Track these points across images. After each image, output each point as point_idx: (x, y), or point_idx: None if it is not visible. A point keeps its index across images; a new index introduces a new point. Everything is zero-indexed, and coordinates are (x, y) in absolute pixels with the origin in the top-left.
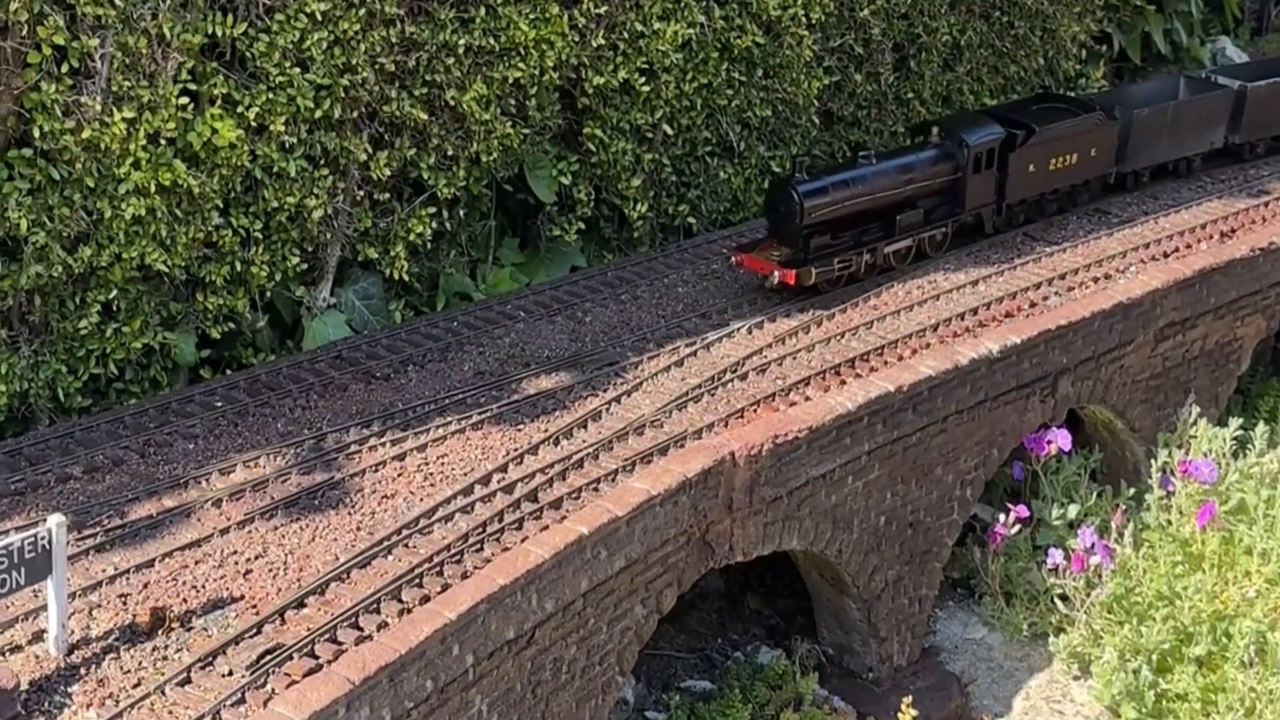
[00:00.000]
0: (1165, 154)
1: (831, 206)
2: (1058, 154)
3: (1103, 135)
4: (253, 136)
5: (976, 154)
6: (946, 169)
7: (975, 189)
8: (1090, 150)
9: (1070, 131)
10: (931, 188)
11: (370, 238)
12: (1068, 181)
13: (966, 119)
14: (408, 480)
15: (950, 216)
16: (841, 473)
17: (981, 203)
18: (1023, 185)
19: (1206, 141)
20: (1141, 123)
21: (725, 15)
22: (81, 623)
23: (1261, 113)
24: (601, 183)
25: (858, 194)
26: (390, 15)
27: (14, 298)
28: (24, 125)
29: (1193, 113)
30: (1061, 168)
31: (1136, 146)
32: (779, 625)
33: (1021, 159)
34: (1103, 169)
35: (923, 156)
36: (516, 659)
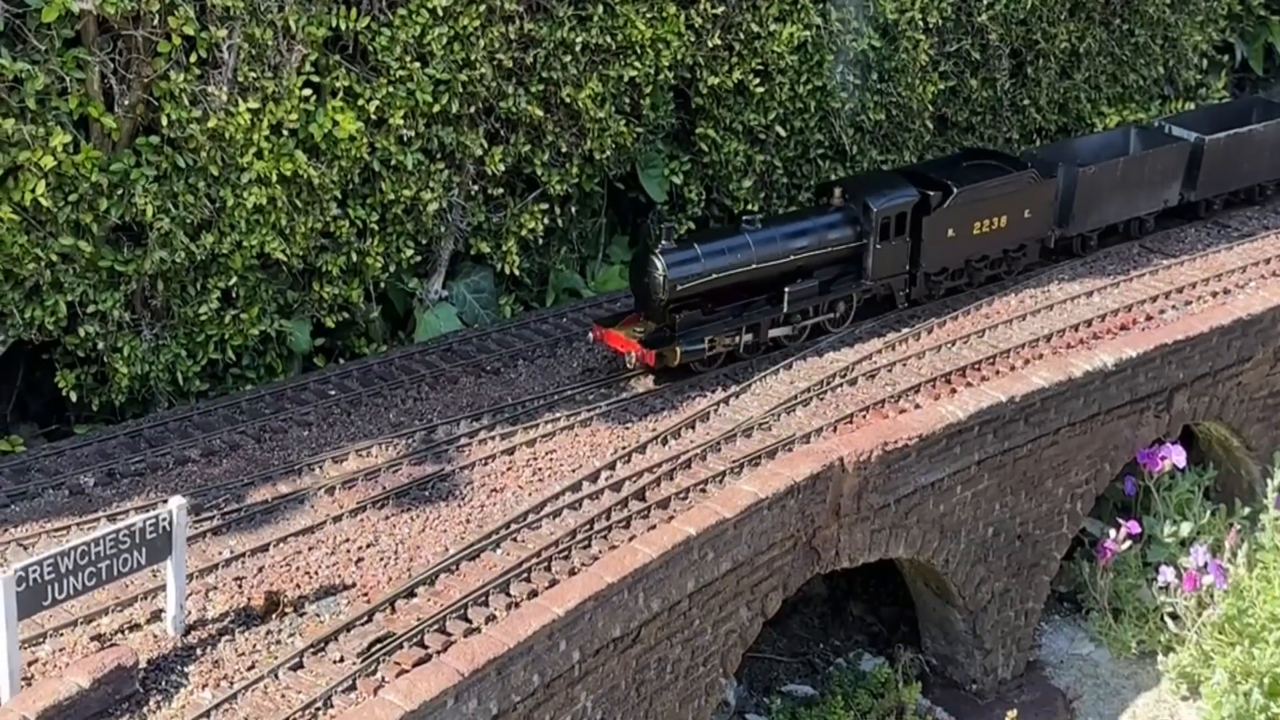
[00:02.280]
0: (1114, 214)
1: (702, 279)
2: (983, 217)
3: (1037, 195)
4: (372, 129)
5: (883, 219)
6: (848, 236)
7: (882, 258)
8: (1023, 212)
9: (997, 192)
10: (829, 256)
11: (483, 232)
12: (997, 247)
13: (875, 180)
14: (516, 475)
15: (854, 288)
16: (950, 482)
17: (890, 273)
18: (941, 253)
19: (1159, 200)
20: (1086, 181)
21: (841, 18)
22: (198, 604)
23: (1220, 167)
24: (712, 183)
25: (736, 264)
26: (510, 12)
27: (138, 282)
28: (152, 113)
29: (1144, 168)
30: (988, 232)
31: (1081, 207)
32: (881, 633)
33: (938, 223)
34: (1039, 232)
35: (819, 222)
36: (622, 657)
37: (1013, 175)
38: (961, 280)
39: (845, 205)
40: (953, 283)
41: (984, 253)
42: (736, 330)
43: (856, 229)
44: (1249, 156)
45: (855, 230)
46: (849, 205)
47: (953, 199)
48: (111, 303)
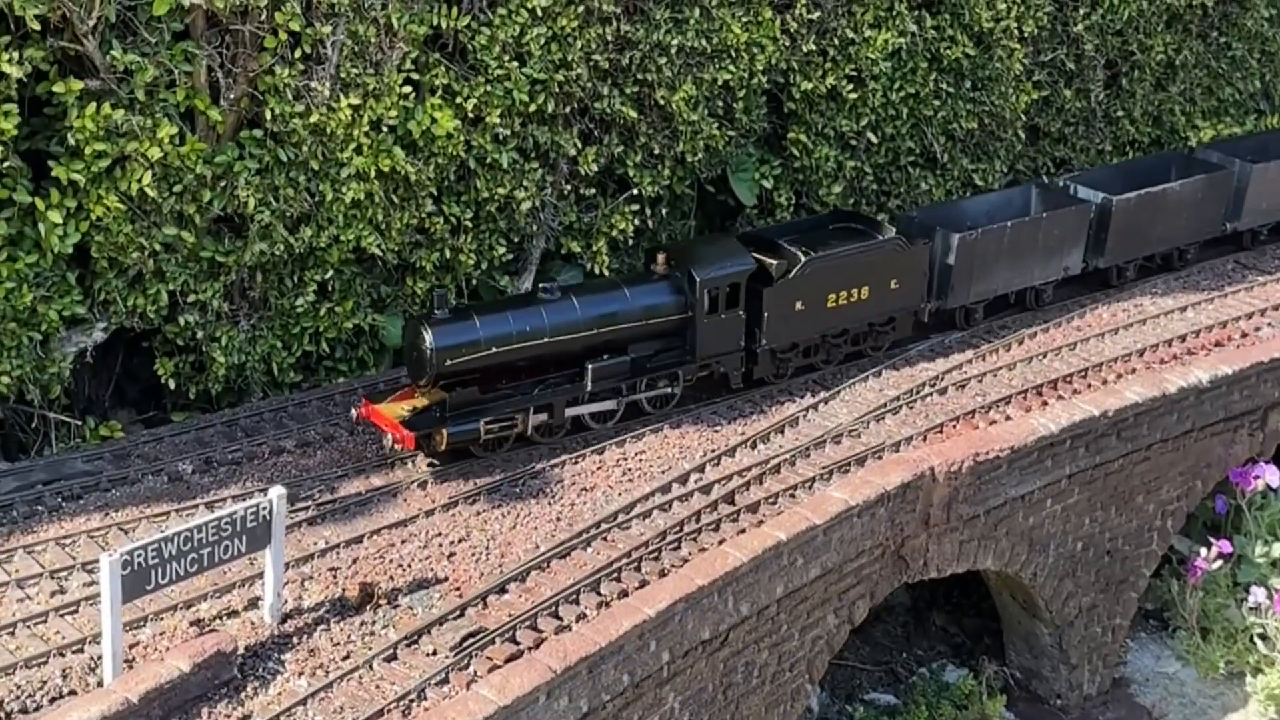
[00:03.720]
0: (1003, 284)
1: (479, 353)
2: (838, 288)
3: (905, 264)
4: (469, 127)
5: (711, 290)
6: (672, 307)
7: (712, 333)
8: (889, 282)
9: (855, 260)
10: (648, 330)
11: (574, 231)
12: (859, 320)
13: (708, 246)
14: (606, 475)
15: (678, 366)
16: (1041, 495)
17: (723, 349)
18: (787, 327)
19: (1058, 268)
20: (967, 248)
21: (937, 25)
22: (294, 593)
23: (1131, 230)
24: (802, 188)
25: (525, 336)
26: (607, 13)
27: (237, 273)
28: (256, 107)
29: (1039, 233)
30: (846, 304)
31: (962, 276)
32: (964, 644)
33: (782, 295)
34: (909, 304)
35: (635, 291)
36: (710, 659)
37: (875, 242)
38: (818, 357)
39: (670, 273)
40: (805, 360)
41: (843, 327)
42: (522, 410)
43: (682, 300)
44: (1164, 218)
45: (681, 301)
46: (674, 273)
47: (799, 268)
48: (211, 293)
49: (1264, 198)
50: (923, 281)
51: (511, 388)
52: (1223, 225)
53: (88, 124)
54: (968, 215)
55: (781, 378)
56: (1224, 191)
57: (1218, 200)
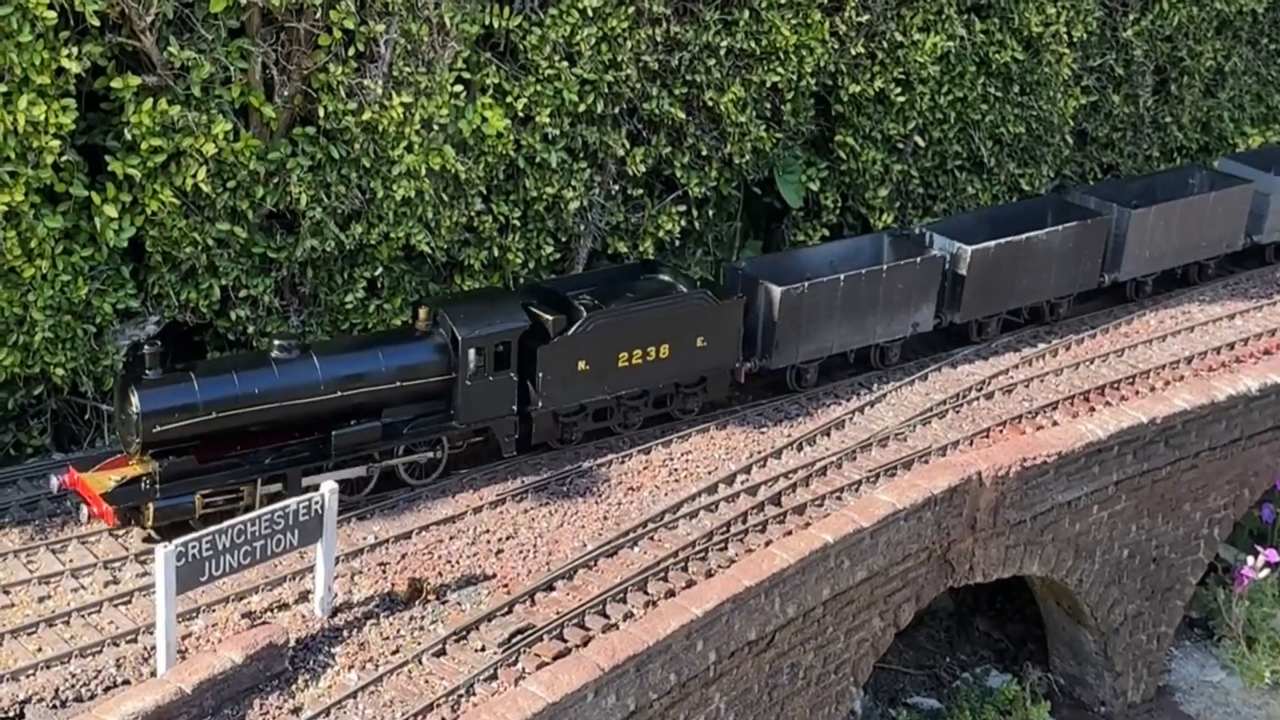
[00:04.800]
0: (839, 342)
1: (196, 418)
2: (631, 346)
3: (717, 320)
4: (519, 126)
5: (476, 349)
6: (433, 368)
7: (477, 396)
8: (695, 340)
9: (650, 317)
10: (404, 392)
11: (620, 231)
12: (659, 381)
13: (477, 301)
14: (653, 475)
15: (441, 431)
16: (1087, 501)
17: (491, 413)
18: (567, 389)
19: (906, 323)
20: (792, 303)
21: (986, 29)
22: (344, 587)
23: (990, 284)
24: (849, 190)
25: (253, 400)
26: (657, 14)
27: (288, 269)
28: (309, 104)
29: (879, 286)
30: (642, 364)
31: (788, 334)
32: (1008, 649)
33: (561, 354)
34: (722, 363)
35: (391, 350)
36: (756, 660)
37: (676, 297)
38: (613, 420)
39: (432, 331)
40: (597, 424)
41: (641, 388)
42: (250, 480)
43: (446, 360)
44: (1030, 270)
45: (444, 362)
46: (437, 331)
47: (580, 325)
48: (262, 288)
49: (1146, 245)
50: (737, 339)
51: (239, 456)
52: (1100, 276)
53: (144, 119)
54: (807, 266)
55: (568, 443)
56: (1100, 240)
57: (1093, 249)
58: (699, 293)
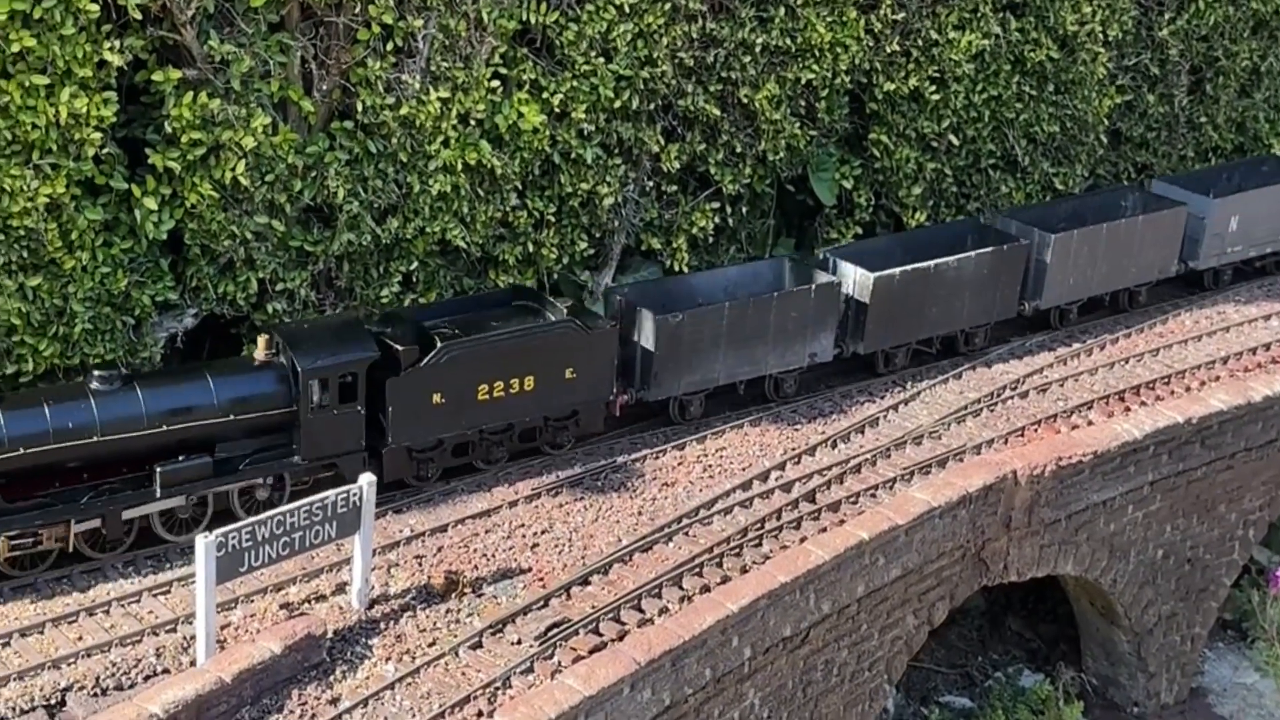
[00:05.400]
0: (725, 373)
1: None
2: (493, 378)
3: (584, 350)
4: (554, 122)
5: (319, 381)
6: (273, 400)
7: (321, 430)
8: (563, 371)
9: (512, 347)
10: (239, 426)
11: (654, 228)
12: (526, 414)
13: (322, 330)
14: (687, 470)
15: (281, 468)
16: (1122, 501)
17: (337, 449)
18: (422, 423)
19: (803, 353)
20: (671, 332)
21: (1021, 28)
22: (380, 579)
23: (896, 312)
24: (882, 189)
25: (65, 436)
26: (693, 11)
27: (325, 262)
28: (347, 99)
29: (770, 314)
30: (505, 396)
31: (668, 365)
32: (1040, 649)
33: (415, 387)
34: (594, 396)
35: (225, 382)
36: (790, 656)
37: (539, 326)
38: (475, 456)
39: (272, 361)
40: (458, 459)
41: (505, 421)
42: (61, 521)
43: (287, 392)
44: (941, 298)
45: (285, 393)
46: (278, 361)
47: (435, 356)
48: (299, 281)
49: (1070, 272)
50: (611, 370)
51: (50, 494)
52: (1019, 305)
53: (184, 112)
54: (699, 292)
55: (425, 480)
56: (1018, 266)
57: (1011, 276)
58: (566, 322)
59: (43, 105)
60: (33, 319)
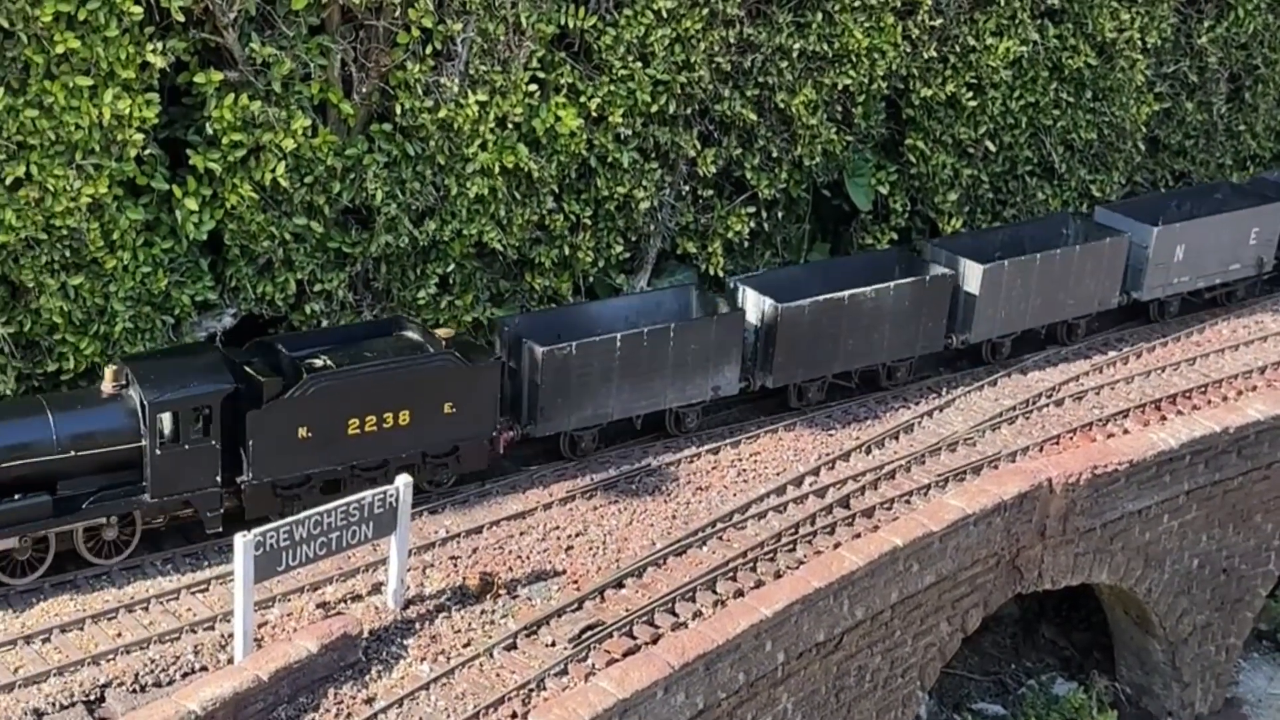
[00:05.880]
0: (620, 407)
1: None
2: (365, 412)
3: (463, 384)
4: (591, 126)
5: (169, 415)
6: (120, 435)
7: (172, 466)
8: (441, 406)
9: (385, 380)
10: (81, 463)
11: (690, 232)
12: (400, 450)
13: (176, 360)
14: (721, 474)
15: (129, 507)
16: (1158, 510)
17: (190, 485)
18: (287, 458)
19: (705, 387)
20: (557, 365)
21: (1059, 34)
22: (416, 580)
23: (807, 345)
24: (918, 194)
25: None
26: (731, 16)
27: (362, 264)
28: (386, 101)
29: (667, 347)
30: (377, 431)
31: (553, 398)
32: (1074, 657)
33: (276, 420)
34: (477, 431)
35: (63, 417)
36: (824, 662)
37: (417, 359)
38: (348, 492)
39: (120, 393)
40: (320, 494)
41: (379, 457)
42: None
43: (135, 426)
44: (858, 330)
45: (133, 428)
46: (126, 393)
47: (299, 389)
48: (337, 282)
49: (1001, 304)
50: (493, 404)
51: None
52: (946, 338)
53: (226, 114)
54: (598, 322)
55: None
56: (943, 298)
57: (936, 308)
58: (445, 354)
59: (86, 106)
60: (74, 317)
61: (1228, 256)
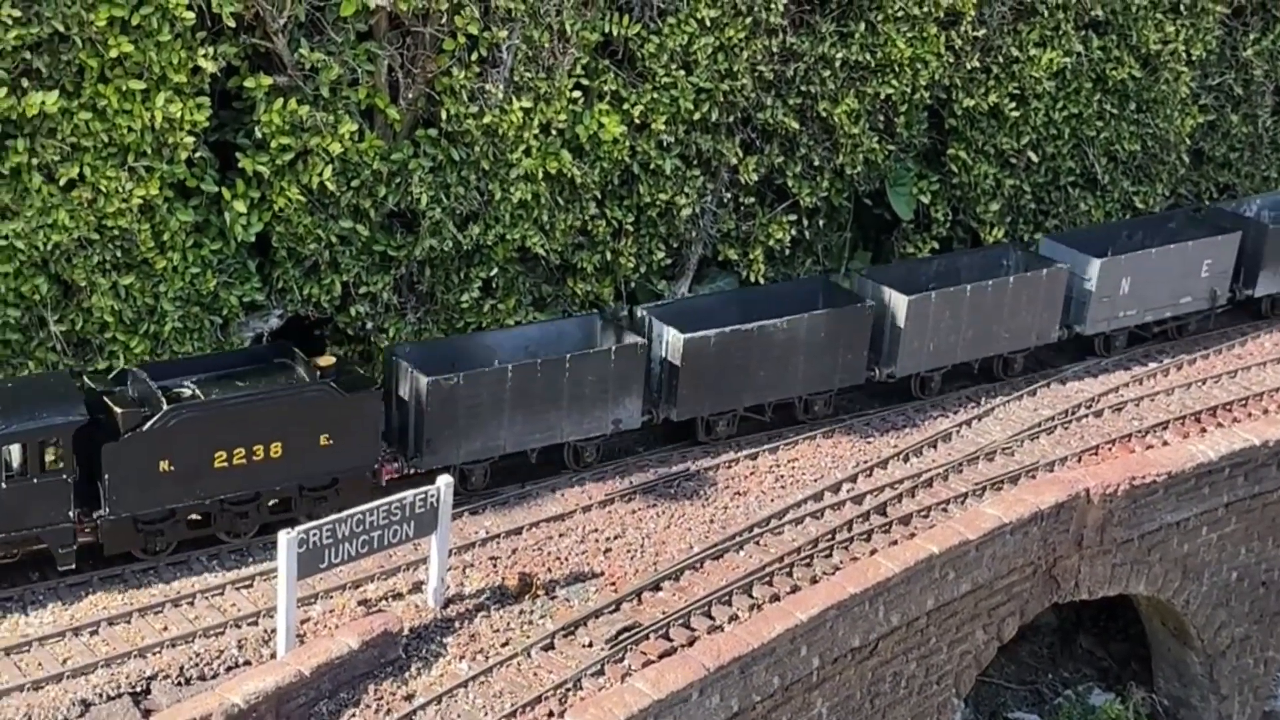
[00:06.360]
0: (513, 439)
1: None
2: (233, 445)
3: (343, 416)
4: (634, 133)
5: (20, 446)
6: None
7: (19, 500)
8: (317, 438)
9: (254, 412)
10: None
11: (731, 239)
12: (270, 484)
13: (29, 388)
14: (759, 480)
15: None
16: (1196, 522)
17: (39, 521)
18: (147, 493)
19: (604, 420)
20: (444, 396)
21: (1103, 46)
22: (456, 579)
23: (715, 377)
24: (960, 204)
25: None
26: (774, 25)
27: (407, 267)
28: (432, 107)
29: (562, 378)
30: (246, 464)
31: (440, 429)
32: (1111, 668)
33: (136, 453)
34: (355, 463)
35: None
36: (858, 667)
37: (287, 389)
38: (218, 527)
39: None
40: (195, 532)
41: (252, 490)
42: None
43: None
44: (771, 361)
45: None
46: None
47: (159, 420)
48: (382, 285)
49: (929, 337)
50: (374, 436)
51: None
52: (869, 371)
53: (274, 118)
54: (496, 351)
55: (158, 553)
56: (863, 329)
57: (856, 340)
58: (319, 385)
59: (138, 109)
60: (125, 316)
61: (1178, 289)
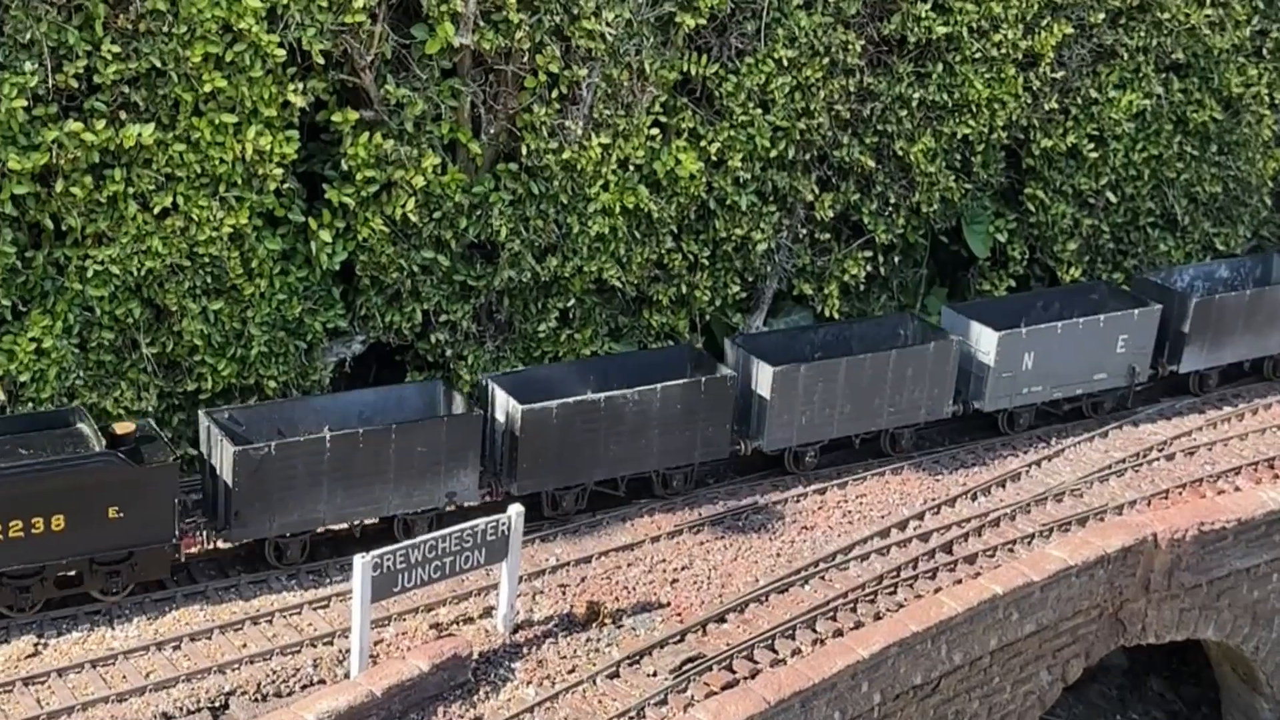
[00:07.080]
0: (331, 513)
1: None
2: (7, 516)
3: (134, 487)
4: (711, 169)
5: None
6: None
7: None
8: (105, 510)
9: (30, 483)
10: None
11: (806, 274)
12: (53, 558)
13: None
14: (827, 515)
15: None
16: (1267, 569)
17: None
18: None
19: (438, 494)
20: (252, 465)
21: (1184, 88)
22: (525, 605)
23: (558, 452)
24: (1037, 243)
25: None
26: (851, 66)
27: (486, 296)
28: (513, 142)
29: (389, 449)
30: (24, 538)
31: (251, 501)
32: (1181, 711)
33: None
34: (151, 536)
35: None
36: (920, 705)
37: (68, 459)
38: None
39: None
40: None
41: (34, 565)
42: None
43: None
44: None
45: None
46: None
47: None
48: (461, 314)
49: (799, 410)
50: (170, 509)
51: None
52: (734, 444)
53: (360, 151)
54: (326, 417)
55: None
56: (724, 401)
57: (717, 413)
58: (105, 454)
59: (230, 142)
60: (213, 340)
61: (1091, 365)
